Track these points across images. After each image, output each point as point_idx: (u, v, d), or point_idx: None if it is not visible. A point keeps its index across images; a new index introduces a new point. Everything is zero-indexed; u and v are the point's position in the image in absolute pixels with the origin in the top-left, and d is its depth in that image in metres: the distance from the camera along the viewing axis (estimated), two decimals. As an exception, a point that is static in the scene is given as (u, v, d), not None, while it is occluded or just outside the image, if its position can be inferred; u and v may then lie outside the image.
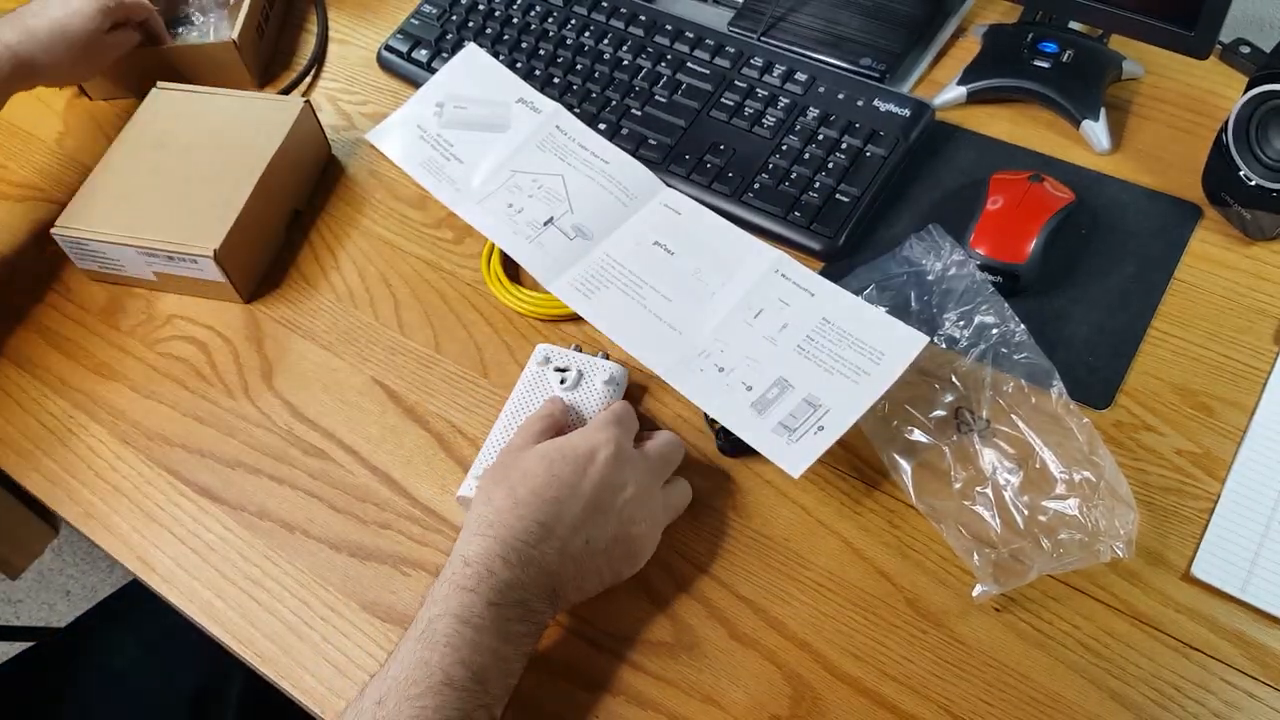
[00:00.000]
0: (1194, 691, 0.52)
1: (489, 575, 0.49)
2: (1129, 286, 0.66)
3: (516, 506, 0.52)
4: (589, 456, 0.54)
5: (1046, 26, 0.78)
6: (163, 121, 0.77)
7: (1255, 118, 0.63)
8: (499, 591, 0.49)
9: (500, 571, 0.50)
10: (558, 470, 0.53)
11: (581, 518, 0.52)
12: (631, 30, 0.82)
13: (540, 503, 0.52)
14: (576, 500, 0.52)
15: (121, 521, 0.64)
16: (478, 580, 0.49)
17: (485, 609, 0.49)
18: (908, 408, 0.61)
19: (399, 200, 0.79)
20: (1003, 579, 0.55)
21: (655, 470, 0.56)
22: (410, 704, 0.46)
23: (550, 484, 0.52)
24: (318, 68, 0.89)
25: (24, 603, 1.56)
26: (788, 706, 0.53)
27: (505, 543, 0.50)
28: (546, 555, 0.51)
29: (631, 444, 0.56)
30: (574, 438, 0.55)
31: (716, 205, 0.72)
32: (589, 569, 0.52)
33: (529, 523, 0.51)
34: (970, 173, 0.73)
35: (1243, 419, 0.60)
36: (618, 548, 0.53)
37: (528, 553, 0.50)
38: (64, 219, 0.71)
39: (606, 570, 0.53)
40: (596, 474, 0.53)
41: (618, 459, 0.54)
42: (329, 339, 0.71)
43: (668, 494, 0.57)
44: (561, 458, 0.54)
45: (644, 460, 0.56)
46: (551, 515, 0.51)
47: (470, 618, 0.48)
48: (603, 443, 0.54)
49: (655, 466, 0.56)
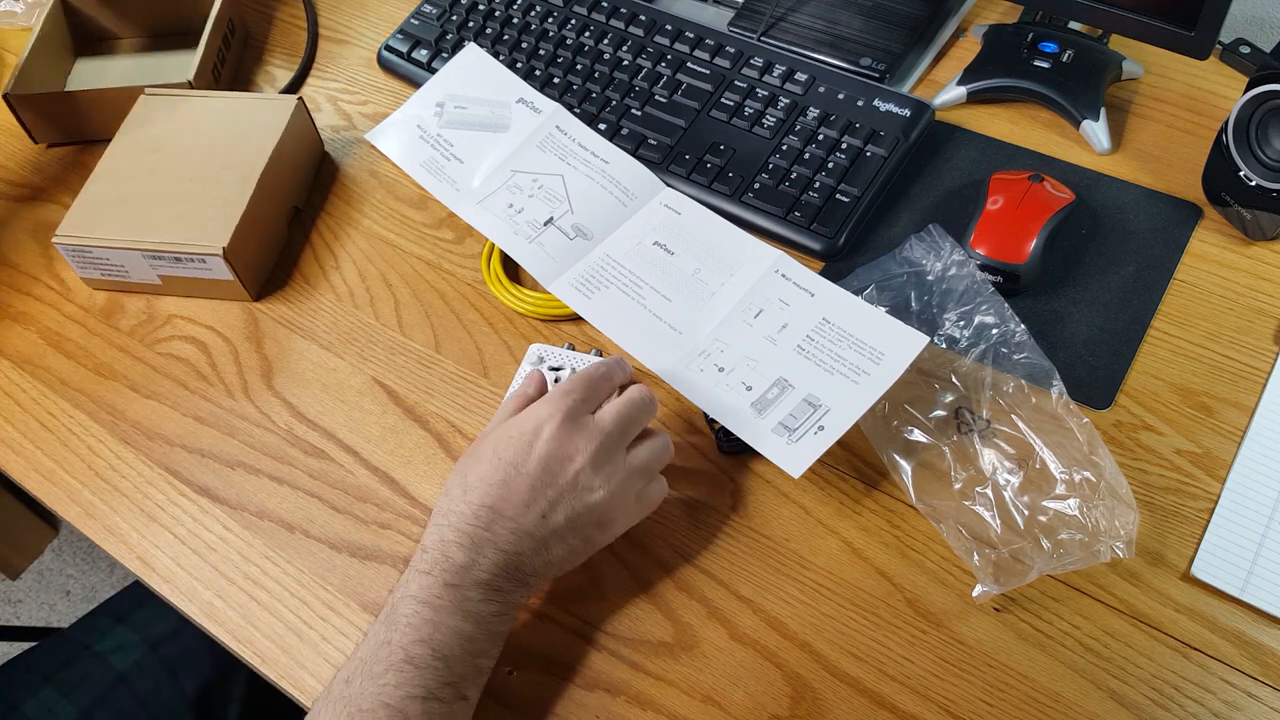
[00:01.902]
0: (1194, 691, 0.52)
1: (444, 559, 0.50)
2: (1129, 286, 0.66)
3: (466, 493, 0.52)
4: (534, 432, 0.53)
5: (1046, 27, 0.78)
6: (155, 126, 0.77)
7: (1255, 118, 0.63)
8: (455, 574, 0.50)
9: (454, 556, 0.50)
10: (503, 451, 0.53)
11: (529, 495, 0.52)
12: (631, 30, 0.82)
13: (486, 486, 0.52)
14: (522, 478, 0.52)
15: (122, 521, 0.64)
16: (433, 564, 0.50)
17: (443, 589, 0.50)
18: (908, 408, 0.61)
19: (399, 200, 0.79)
20: (1003, 579, 0.55)
21: (612, 433, 0.54)
22: (374, 681, 0.47)
23: (496, 467, 0.52)
24: (309, 69, 0.89)
25: (24, 603, 1.56)
26: (787, 706, 0.53)
27: (457, 529, 0.51)
28: (500, 536, 0.51)
29: (587, 410, 0.54)
30: (521, 416, 0.54)
31: (716, 205, 0.72)
32: (552, 544, 0.52)
33: (476, 507, 0.51)
34: (970, 173, 0.73)
35: (1243, 419, 0.60)
36: (580, 519, 0.53)
37: (480, 535, 0.51)
38: (64, 227, 0.71)
39: (575, 540, 0.53)
40: (541, 448, 0.52)
41: (564, 430, 0.53)
42: (329, 339, 0.71)
43: (635, 454, 0.55)
44: (507, 438, 0.53)
45: (595, 425, 0.54)
46: (498, 497, 0.52)
47: (429, 599, 0.49)
48: (547, 416, 0.53)
49: (611, 429, 0.54)
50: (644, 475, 0.55)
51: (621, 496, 0.54)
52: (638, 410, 0.56)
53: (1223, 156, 0.66)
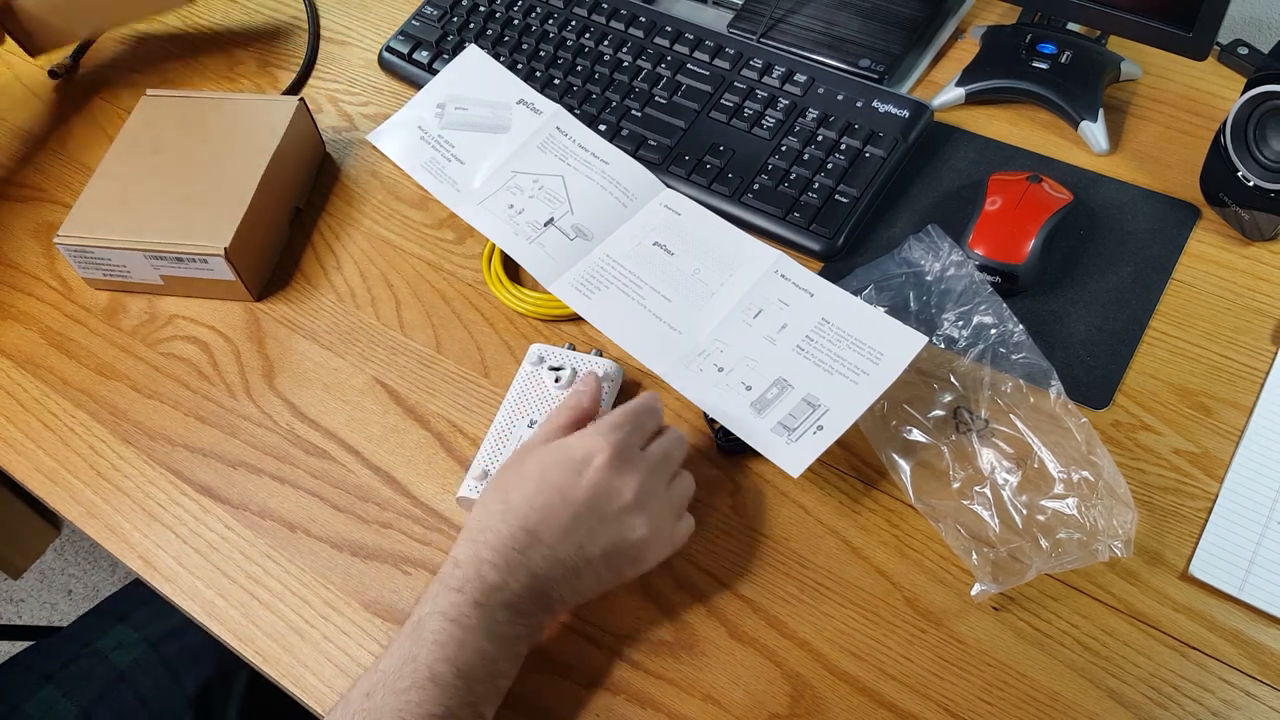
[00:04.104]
0: (1192, 690, 0.52)
1: (476, 578, 0.50)
2: (1127, 287, 0.66)
3: (506, 512, 0.52)
4: (584, 461, 0.53)
5: (1045, 28, 0.79)
6: (156, 127, 0.77)
7: (1253, 119, 0.64)
8: (485, 593, 0.50)
9: (487, 575, 0.50)
10: (551, 476, 0.52)
11: (571, 524, 0.51)
12: (631, 32, 0.82)
13: (529, 509, 0.52)
14: (566, 507, 0.52)
15: (123, 521, 0.64)
16: (464, 582, 0.50)
17: (472, 609, 0.49)
18: (906, 407, 0.62)
19: (400, 201, 0.79)
20: (1001, 578, 0.55)
21: (657, 470, 0.55)
22: (396, 697, 0.47)
23: (541, 489, 0.52)
24: (309, 69, 0.89)
25: (26, 602, 1.56)
26: (787, 705, 0.53)
27: (493, 548, 0.51)
28: (534, 561, 0.51)
29: (636, 445, 0.55)
30: (573, 440, 0.54)
31: (716, 206, 0.72)
32: (584, 573, 0.52)
33: (515, 529, 0.51)
34: (969, 173, 0.73)
35: (1241, 419, 0.60)
36: (617, 554, 0.52)
37: (515, 558, 0.50)
38: (66, 227, 0.71)
39: (606, 573, 0.53)
40: (590, 480, 0.52)
41: (615, 464, 0.53)
42: (330, 339, 0.71)
43: (672, 491, 0.56)
44: (556, 463, 0.53)
45: (645, 462, 0.54)
46: (539, 522, 0.51)
47: (457, 616, 0.49)
48: (600, 448, 0.53)
49: (657, 466, 0.55)
50: (678, 512, 0.56)
51: (658, 532, 0.54)
52: (679, 449, 0.57)
53: (1221, 157, 0.66)
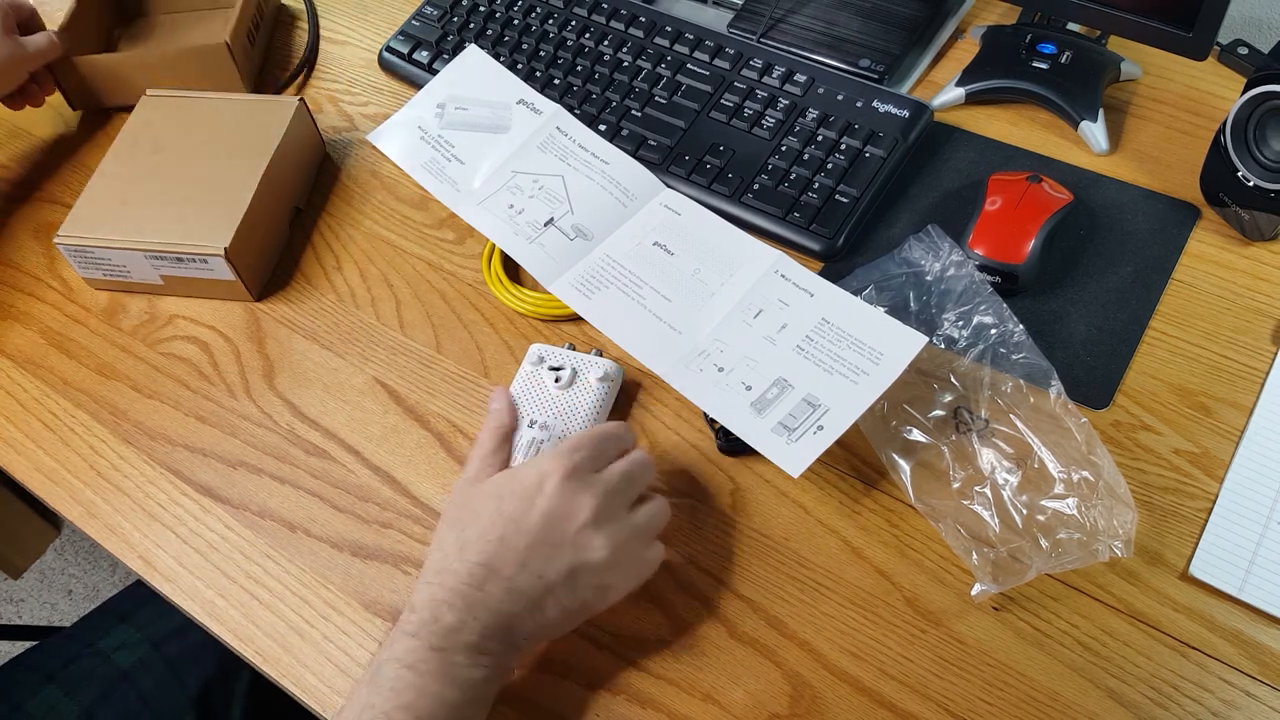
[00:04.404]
0: (1192, 690, 0.52)
1: (433, 620, 0.49)
2: (1127, 287, 0.66)
3: (462, 550, 0.51)
4: (537, 487, 0.51)
5: (1045, 28, 0.79)
6: (156, 127, 0.77)
7: (1253, 119, 0.64)
8: (442, 636, 0.48)
9: (444, 617, 0.49)
10: (504, 506, 0.51)
11: (527, 553, 0.50)
12: (631, 32, 0.82)
13: (484, 543, 0.51)
14: (521, 535, 0.50)
15: (123, 521, 0.64)
16: (420, 626, 0.49)
17: (428, 654, 0.48)
18: (906, 407, 0.62)
19: (400, 201, 0.79)
20: (1001, 578, 0.55)
21: (615, 491, 0.53)
22: None
23: (496, 522, 0.51)
24: (310, 68, 0.89)
25: (26, 602, 1.56)
26: (787, 705, 0.53)
27: (449, 588, 0.50)
28: (492, 596, 0.49)
29: (592, 467, 0.53)
30: (524, 468, 0.53)
31: (716, 206, 0.72)
32: (546, 603, 0.50)
33: (471, 565, 0.50)
34: (969, 173, 0.73)
35: (1241, 419, 0.60)
36: (578, 578, 0.51)
37: (472, 595, 0.49)
38: (66, 228, 0.71)
39: (569, 601, 0.51)
40: (544, 504, 0.51)
41: (568, 485, 0.51)
42: (330, 339, 0.71)
43: (636, 515, 0.54)
44: (509, 492, 0.52)
45: (600, 483, 0.52)
46: (495, 554, 0.50)
47: (414, 663, 0.48)
48: (550, 470, 0.52)
49: (615, 487, 0.53)
50: (643, 538, 0.54)
51: (621, 557, 0.52)
52: (641, 471, 0.55)
53: (1221, 157, 0.66)
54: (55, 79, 0.84)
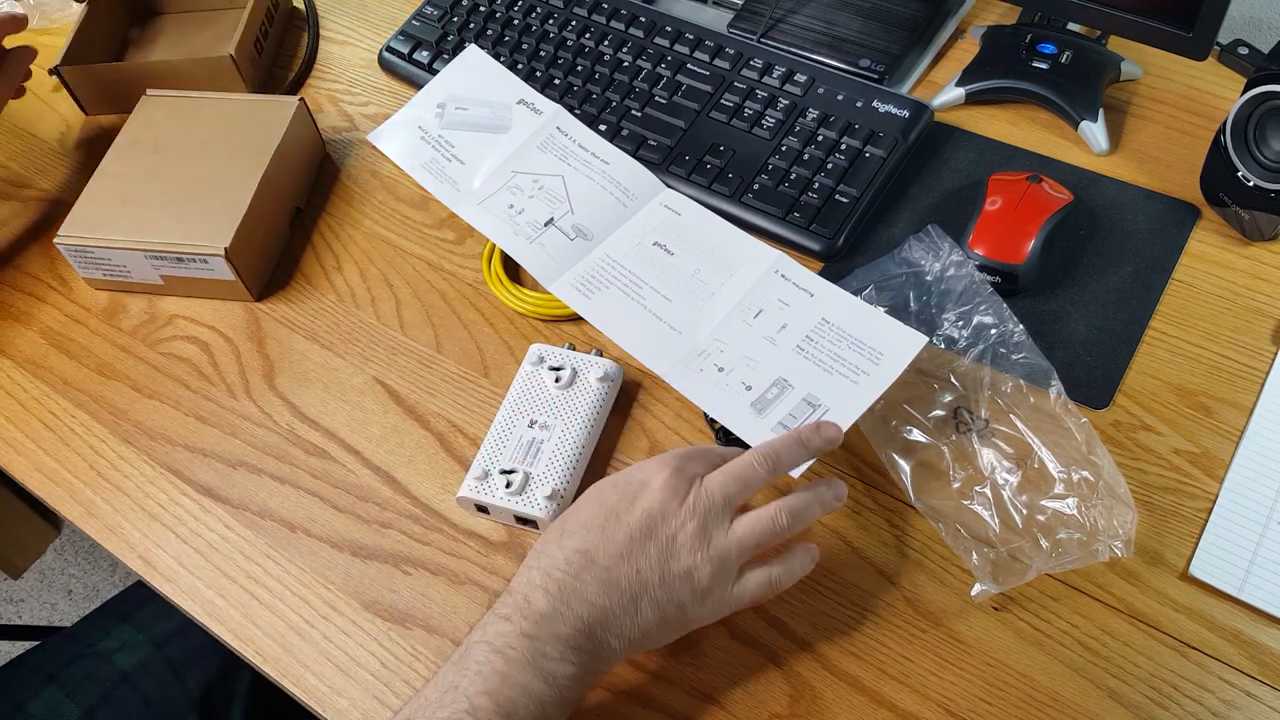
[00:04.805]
0: (1192, 690, 0.52)
1: (526, 604, 0.48)
2: (1127, 287, 0.66)
3: (563, 537, 0.50)
4: (641, 484, 0.51)
5: (1045, 28, 0.79)
6: (156, 127, 0.77)
7: (1253, 119, 0.64)
8: (535, 623, 0.47)
9: (538, 601, 0.48)
10: (606, 498, 0.51)
11: (627, 546, 0.49)
12: (631, 32, 0.82)
13: (584, 531, 0.50)
14: (621, 528, 0.50)
15: (123, 521, 0.64)
16: (514, 609, 0.48)
17: (519, 639, 0.47)
18: (906, 407, 0.62)
19: (400, 201, 0.79)
20: (1001, 578, 0.55)
21: (718, 497, 0.51)
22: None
23: (597, 513, 0.51)
24: (309, 69, 0.89)
25: (26, 602, 1.56)
26: (787, 705, 0.53)
27: (546, 572, 0.49)
28: (588, 585, 0.48)
29: (699, 471, 0.52)
30: (632, 468, 0.53)
31: (716, 206, 0.72)
32: (642, 601, 0.49)
33: (570, 552, 0.49)
34: (969, 173, 0.73)
35: (1241, 419, 0.60)
36: (677, 584, 0.49)
37: (568, 583, 0.48)
38: (66, 228, 0.71)
39: (669, 605, 0.49)
40: (647, 500, 0.50)
41: (672, 484, 0.51)
42: (330, 339, 0.71)
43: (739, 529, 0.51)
44: (613, 487, 0.52)
45: (704, 487, 0.51)
46: (594, 543, 0.49)
47: (503, 648, 0.47)
48: (656, 469, 0.51)
49: (717, 493, 0.51)
50: (745, 552, 0.51)
51: (719, 567, 0.50)
52: (749, 474, 0.52)
53: (1221, 157, 0.66)
54: (66, 86, 0.85)
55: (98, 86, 0.86)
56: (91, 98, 0.87)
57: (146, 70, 0.84)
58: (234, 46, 0.82)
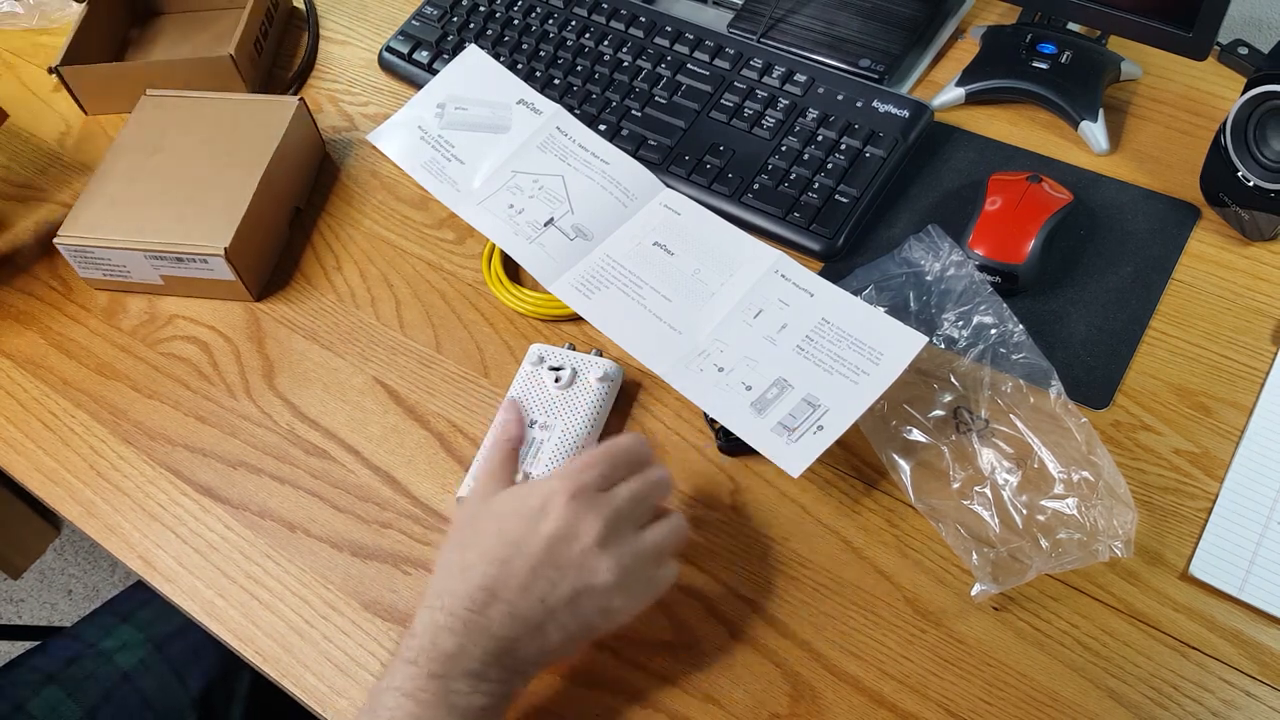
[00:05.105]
0: (1192, 690, 0.52)
1: (432, 646, 0.48)
2: (1127, 287, 0.66)
3: (464, 572, 0.49)
4: (541, 509, 0.50)
5: (1045, 28, 0.79)
6: (156, 127, 0.77)
7: (1253, 119, 0.64)
8: (442, 663, 0.47)
9: (443, 642, 0.48)
10: (507, 526, 0.50)
11: (530, 578, 0.48)
12: (631, 32, 0.82)
13: (485, 564, 0.49)
14: (524, 559, 0.49)
15: (123, 521, 0.64)
16: (419, 652, 0.48)
17: (427, 681, 0.47)
18: (906, 407, 0.62)
19: (400, 201, 0.79)
20: (1001, 578, 0.55)
21: (623, 512, 0.51)
22: None
23: (498, 544, 0.49)
24: (309, 69, 0.89)
25: (26, 602, 1.56)
26: (787, 705, 0.53)
27: (449, 612, 0.48)
28: (493, 621, 0.48)
29: (599, 486, 0.51)
30: (530, 488, 0.52)
31: (716, 206, 0.72)
32: (548, 628, 0.49)
33: (473, 588, 0.48)
34: (969, 173, 0.73)
35: (1241, 419, 0.60)
36: (582, 602, 0.49)
37: (473, 620, 0.48)
38: (66, 228, 0.71)
39: (574, 625, 0.49)
40: (548, 527, 0.49)
41: (571, 507, 0.50)
42: (330, 339, 0.71)
43: (647, 535, 0.51)
44: (512, 512, 0.51)
45: (607, 503, 0.51)
46: (496, 578, 0.49)
47: (414, 691, 0.47)
48: (555, 490, 0.50)
49: (623, 508, 0.51)
50: (655, 558, 0.52)
51: (629, 579, 0.50)
52: (652, 489, 0.53)
53: (1221, 157, 0.66)
54: (66, 86, 0.86)
55: (98, 86, 0.86)
56: (91, 98, 0.87)
57: (146, 70, 0.84)
58: (234, 46, 0.82)
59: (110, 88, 0.85)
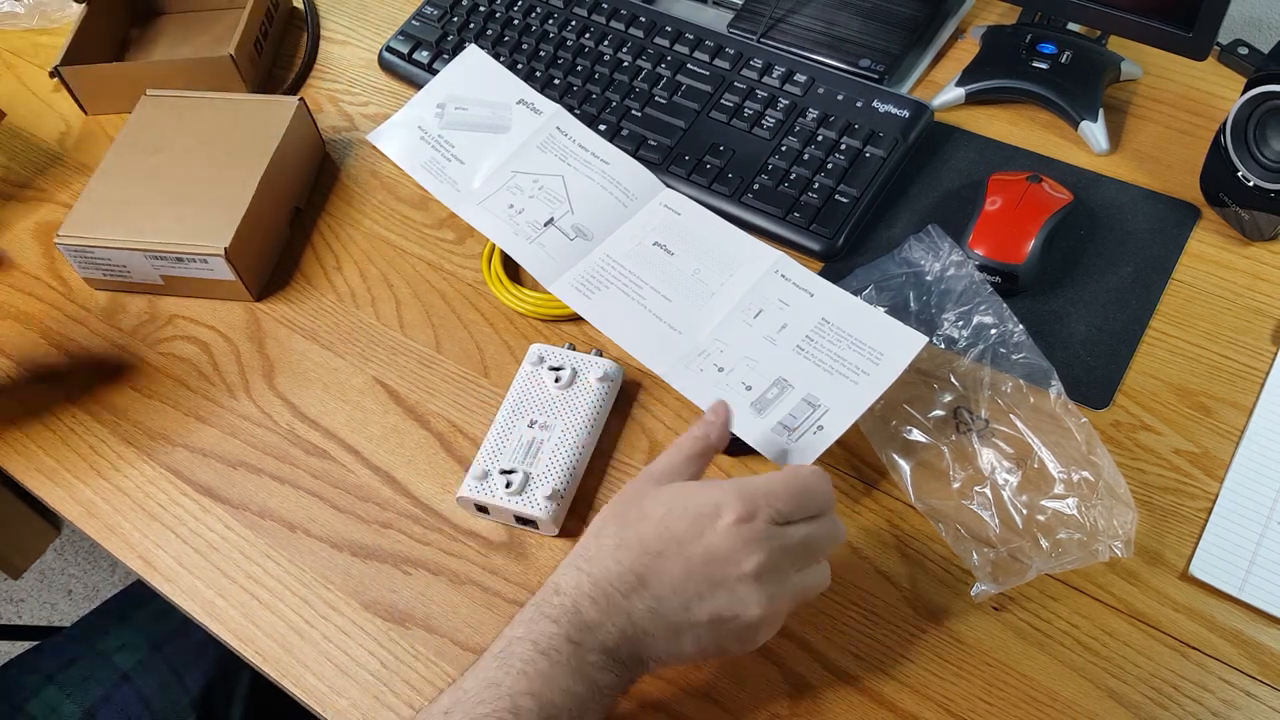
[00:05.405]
0: (1192, 690, 0.52)
1: (575, 611, 0.47)
2: (1127, 287, 0.66)
3: (618, 549, 0.48)
4: (711, 516, 0.48)
5: (1045, 28, 0.79)
6: (156, 127, 0.77)
7: (1253, 119, 0.64)
8: (581, 631, 0.46)
9: (586, 610, 0.47)
10: (672, 522, 0.48)
11: (682, 582, 0.47)
12: (631, 32, 0.82)
13: (642, 552, 0.48)
14: (680, 561, 0.47)
15: (123, 521, 0.64)
16: (561, 612, 0.47)
17: (565, 644, 0.46)
18: (906, 407, 0.62)
19: (400, 201, 0.79)
20: (1001, 578, 0.55)
21: (791, 552, 0.49)
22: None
23: (659, 535, 0.48)
24: (309, 69, 0.89)
25: (26, 602, 1.56)
26: (787, 705, 0.53)
27: (597, 582, 0.47)
28: (636, 609, 0.47)
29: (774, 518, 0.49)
30: (705, 488, 0.50)
31: (716, 206, 0.72)
32: (684, 636, 0.48)
33: (625, 570, 0.47)
34: (969, 173, 0.73)
35: (1241, 419, 0.60)
36: (723, 626, 0.47)
37: (617, 601, 0.47)
38: (66, 228, 0.71)
39: (709, 642, 0.48)
40: (713, 539, 0.47)
41: (741, 531, 0.47)
42: (330, 339, 0.71)
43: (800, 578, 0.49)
44: (682, 509, 0.49)
45: (778, 540, 0.48)
46: (649, 569, 0.47)
47: (549, 649, 0.46)
48: (730, 504, 0.48)
49: (791, 548, 0.49)
50: (795, 601, 0.50)
51: (773, 617, 0.48)
52: (826, 540, 0.51)
53: (1221, 157, 0.66)
54: (66, 86, 0.86)
55: (98, 86, 0.86)
56: (91, 98, 0.87)
57: (146, 70, 0.84)
58: (234, 46, 0.82)
59: (110, 88, 0.85)
